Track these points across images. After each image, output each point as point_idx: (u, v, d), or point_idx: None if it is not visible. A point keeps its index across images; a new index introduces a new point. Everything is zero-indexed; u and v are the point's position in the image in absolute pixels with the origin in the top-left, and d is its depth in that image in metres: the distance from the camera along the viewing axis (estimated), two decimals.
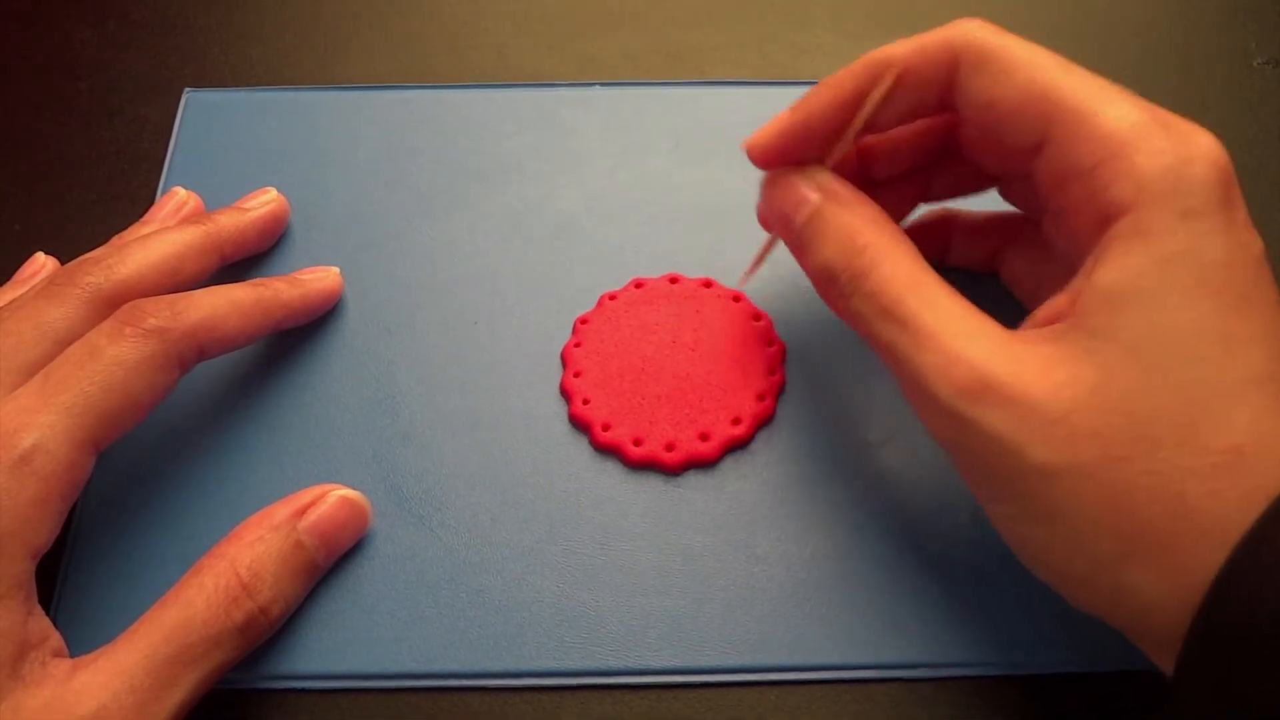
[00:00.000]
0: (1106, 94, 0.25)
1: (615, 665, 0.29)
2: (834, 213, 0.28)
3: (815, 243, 0.28)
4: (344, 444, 0.32)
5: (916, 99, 0.28)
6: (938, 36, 0.27)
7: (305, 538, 0.28)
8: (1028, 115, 0.26)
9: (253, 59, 0.41)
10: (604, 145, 0.38)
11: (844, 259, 0.27)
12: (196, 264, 0.31)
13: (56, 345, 0.28)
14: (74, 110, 0.40)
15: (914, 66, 0.27)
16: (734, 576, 0.30)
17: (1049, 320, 0.25)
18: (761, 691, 0.28)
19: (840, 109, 0.28)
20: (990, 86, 0.26)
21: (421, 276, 0.35)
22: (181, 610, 0.26)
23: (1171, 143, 0.24)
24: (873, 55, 0.28)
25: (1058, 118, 0.25)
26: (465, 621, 0.29)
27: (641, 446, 0.31)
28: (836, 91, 0.28)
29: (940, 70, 0.27)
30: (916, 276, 0.26)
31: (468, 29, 0.42)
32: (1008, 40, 0.26)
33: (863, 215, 0.28)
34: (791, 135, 0.29)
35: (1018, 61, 0.26)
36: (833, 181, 0.28)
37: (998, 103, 0.26)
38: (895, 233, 0.27)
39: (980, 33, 0.27)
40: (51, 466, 0.25)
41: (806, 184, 0.28)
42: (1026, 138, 0.26)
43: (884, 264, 0.26)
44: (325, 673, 0.29)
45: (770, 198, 0.30)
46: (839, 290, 0.27)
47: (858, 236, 0.27)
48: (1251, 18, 0.42)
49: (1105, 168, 0.24)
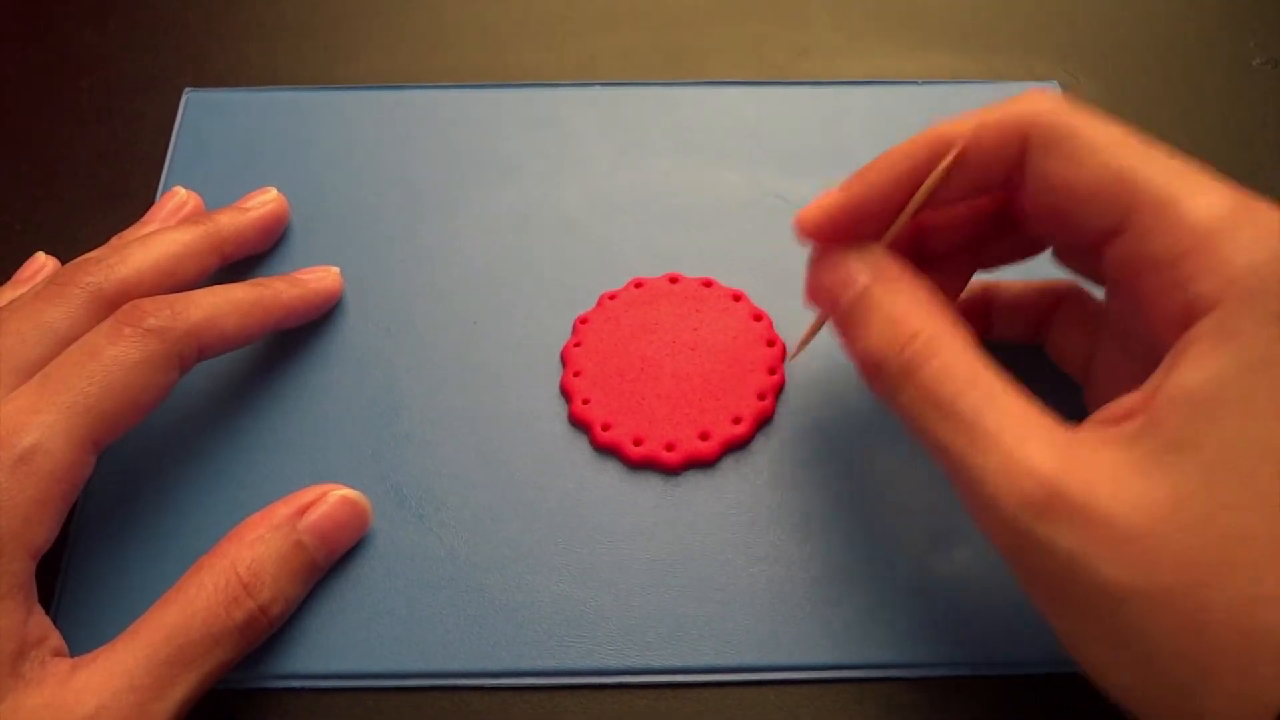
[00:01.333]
0: (1190, 180, 0.23)
1: (615, 665, 0.29)
2: (884, 295, 0.26)
3: (862, 327, 0.26)
4: (344, 443, 0.32)
5: (980, 178, 0.26)
6: (1006, 113, 0.25)
7: (305, 537, 0.28)
8: (1105, 200, 0.24)
9: (253, 59, 0.41)
10: (604, 145, 0.38)
11: (894, 347, 0.25)
12: (196, 264, 0.31)
13: (57, 345, 0.28)
14: (74, 110, 0.40)
15: (978, 145, 0.26)
16: (734, 576, 0.30)
17: (1120, 418, 0.23)
18: (761, 691, 0.28)
19: (898, 186, 0.26)
20: (1064, 169, 0.24)
21: (421, 276, 0.35)
22: (182, 610, 0.26)
23: (1261, 236, 0.22)
24: (935, 131, 0.26)
25: (1138, 205, 0.23)
26: (465, 621, 0.29)
27: (641, 446, 0.31)
28: (894, 169, 0.26)
29: (1007, 149, 0.25)
30: (975, 369, 0.24)
31: (467, 29, 0.42)
32: (1082, 118, 0.25)
33: (916, 299, 0.26)
34: (846, 213, 0.27)
35: (1095, 143, 0.24)
36: (885, 259, 0.27)
37: (1073, 186, 0.24)
38: (952, 318, 0.25)
39: (1052, 110, 0.25)
40: (51, 466, 0.25)
41: (857, 262, 0.27)
42: (1102, 223, 0.24)
43: (939, 354, 0.25)
44: (325, 672, 0.29)
45: (817, 274, 0.28)
46: (886, 381, 0.25)
47: (909, 322, 0.25)
48: (1251, 18, 0.42)
49: (1189, 260, 0.22)
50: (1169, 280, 0.23)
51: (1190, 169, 0.24)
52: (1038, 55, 0.41)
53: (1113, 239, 0.24)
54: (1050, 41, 0.42)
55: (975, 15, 0.43)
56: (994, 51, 0.41)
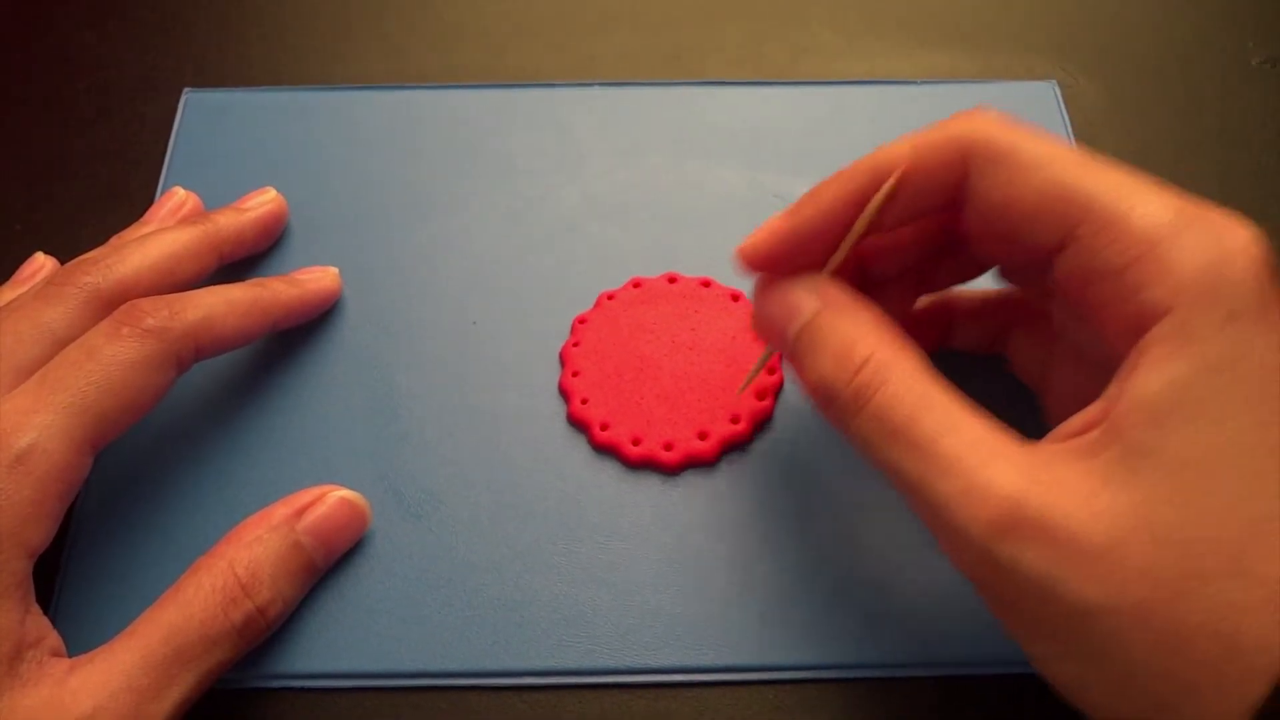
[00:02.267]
0: (1133, 188, 0.23)
1: (613, 664, 0.29)
2: (831, 323, 0.26)
3: (811, 356, 0.26)
4: (342, 444, 0.32)
5: (922, 200, 0.26)
6: (944, 134, 0.25)
7: (304, 538, 0.28)
8: (1049, 216, 0.24)
9: (252, 59, 0.41)
10: (603, 145, 0.38)
11: (844, 376, 0.25)
12: (195, 264, 0.31)
13: (55, 345, 0.28)
14: (73, 110, 0.40)
15: (919, 168, 0.25)
16: (732, 576, 0.30)
17: (1081, 431, 0.23)
18: (759, 690, 0.28)
19: (839, 214, 0.26)
20: (1006, 187, 0.24)
21: (420, 276, 0.35)
22: (179, 610, 0.26)
23: (1209, 238, 0.22)
24: (874, 156, 0.26)
25: (1082, 218, 0.23)
26: (463, 620, 0.29)
27: (640, 446, 0.31)
28: (835, 196, 0.26)
29: (948, 171, 0.25)
30: (929, 392, 0.24)
31: (466, 29, 0.42)
32: (1021, 136, 0.25)
33: (864, 325, 0.25)
34: (789, 242, 0.26)
35: (1036, 160, 0.24)
36: (830, 287, 0.26)
37: (1016, 204, 0.24)
38: (902, 342, 0.25)
39: (991, 129, 0.25)
40: (49, 466, 0.25)
41: (802, 291, 0.26)
42: (1048, 238, 0.24)
43: (891, 380, 0.24)
44: (323, 672, 0.29)
45: (762, 305, 0.27)
46: (839, 410, 0.25)
47: (858, 349, 0.25)
48: (1250, 17, 0.42)
49: (1138, 267, 0.22)
50: (1119, 290, 0.23)
51: (1132, 179, 0.24)
52: (1036, 54, 0.41)
53: (1059, 253, 0.24)
54: (1049, 41, 0.42)
55: (974, 15, 0.42)
56: (993, 51, 0.41)
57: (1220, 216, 0.23)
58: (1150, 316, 0.22)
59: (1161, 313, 0.22)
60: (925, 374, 0.24)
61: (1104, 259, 0.23)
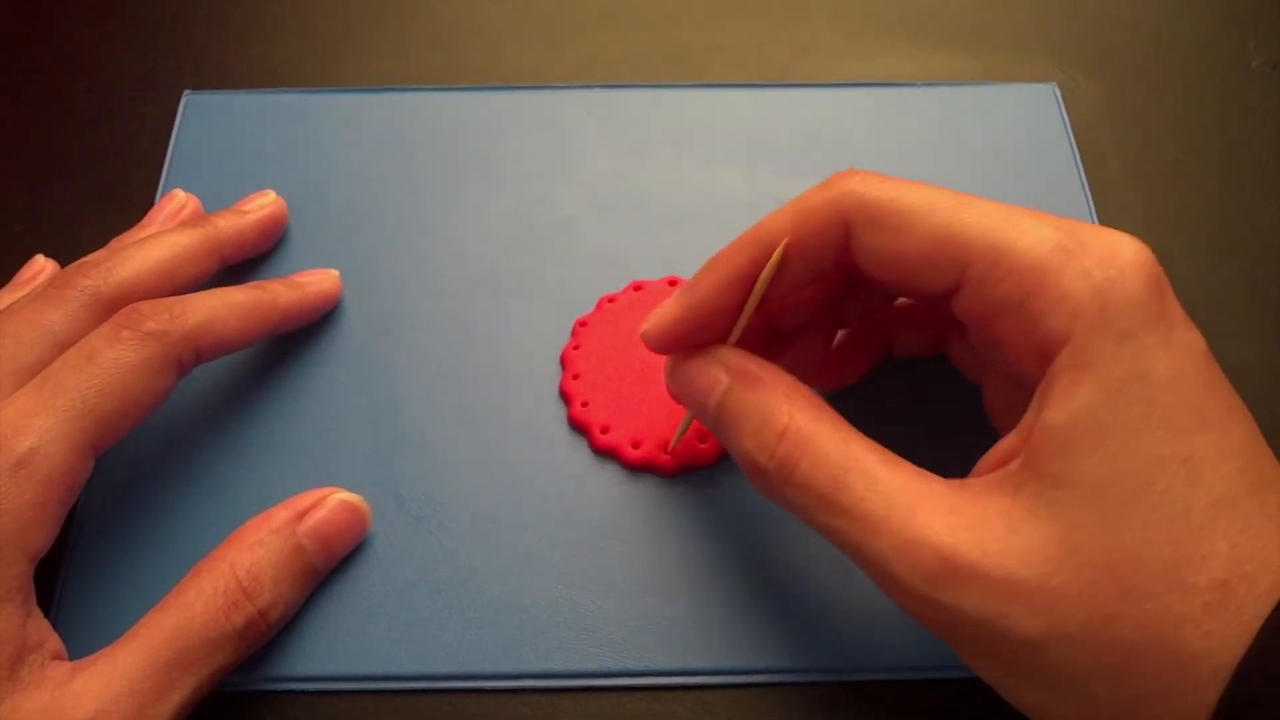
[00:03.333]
0: (1014, 221, 0.24)
1: (613, 667, 0.29)
2: (742, 397, 0.26)
3: (732, 430, 0.26)
4: (343, 447, 0.32)
5: (810, 267, 0.26)
6: (820, 199, 0.26)
7: (305, 541, 0.28)
8: (938, 264, 0.24)
9: (252, 61, 0.41)
10: (603, 147, 0.38)
11: (765, 450, 0.25)
12: (195, 267, 0.31)
13: (55, 348, 0.28)
14: (73, 112, 0.40)
15: (801, 238, 0.26)
16: (732, 579, 0.30)
17: (1002, 462, 0.24)
18: (759, 693, 0.28)
19: (731, 289, 0.26)
20: (890, 243, 0.25)
21: (420, 279, 0.35)
22: (181, 613, 0.26)
23: (1095, 260, 0.23)
24: (757, 229, 0.26)
25: (970, 259, 0.24)
26: (464, 623, 0.29)
27: (640, 449, 0.31)
28: (724, 274, 0.26)
29: (830, 235, 0.26)
30: (848, 453, 0.24)
31: (466, 31, 0.42)
32: (895, 189, 0.25)
33: (776, 394, 0.26)
34: (686, 321, 0.27)
35: (914, 211, 0.24)
36: (739, 359, 0.27)
37: (903, 257, 0.25)
38: (813, 405, 0.26)
39: (865, 188, 0.25)
40: (50, 469, 0.25)
41: (712, 366, 0.27)
42: (941, 283, 0.25)
43: (811, 446, 0.25)
44: (324, 675, 0.29)
45: (679, 382, 0.28)
46: (767, 484, 0.26)
47: (775, 420, 0.25)
48: (1250, 19, 0.42)
49: (1033, 300, 0.23)
50: (1019, 323, 0.23)
51: (1012, 210, 0.24)
52: (1037, 56, 0.41)
53: (955, 294, 0.25)
54: (1049, 43, 0.42)
55: (974, 16, 0.42)
56: (993, 52, 0.41)
57: (1104, 236, 0.23)
58: (1052, 345, 0.23)
59: (1063, 341, 0.22)
60: (842, 434, 0.25)
61: (999, 296, 0.24)
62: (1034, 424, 0.23)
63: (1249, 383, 0.33)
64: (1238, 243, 0.37)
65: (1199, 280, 0.36)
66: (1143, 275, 0.23)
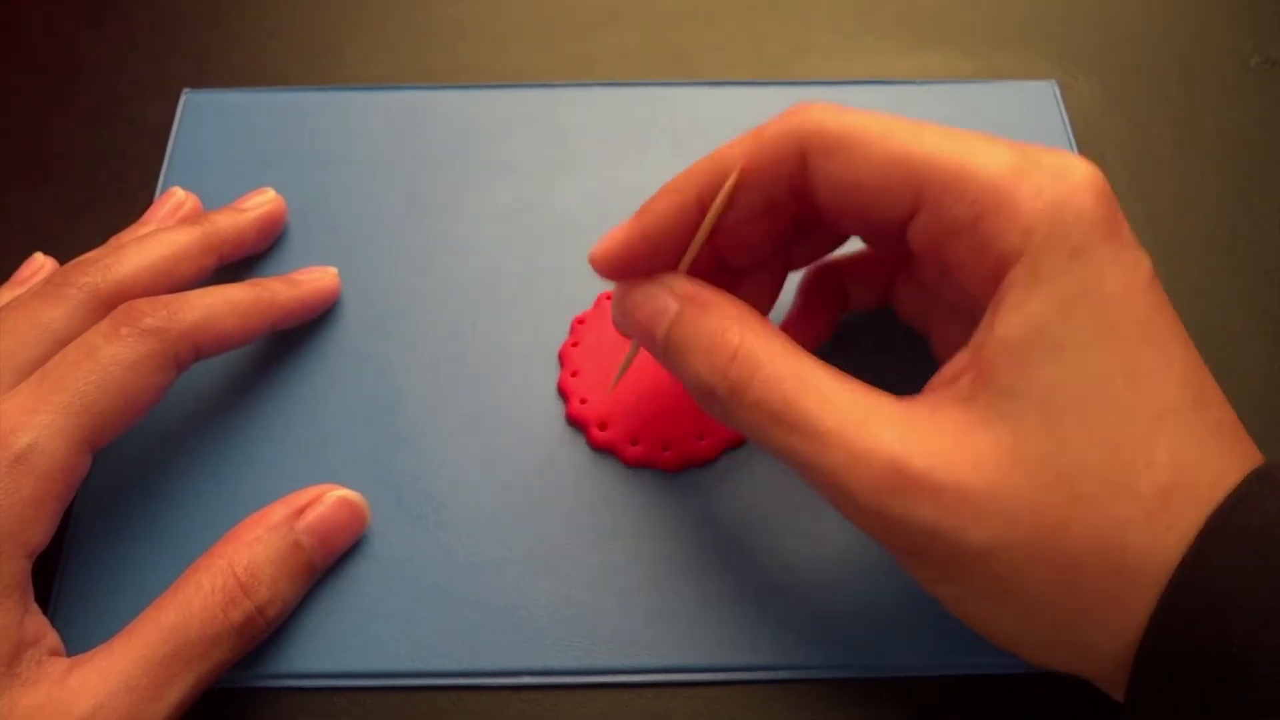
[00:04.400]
0: (970, 143, 0.24)
1: (613, 664, 0.29)
2: (695, 319, 0.26)
3: (683, 356, 0.26)
4: (341, 444, 0.32)
5: (765, 196, 0.26)
6: (778, 129, 0.26)
7: (303, 538, 0.28)
8: (894, 188, 0.25)
9: (251, 59, 0.41)
10: (601, 145, 0.38)
11: (717, 372, 0.25)
12: (194, 264, 0.31)
13: (54, 345, 0.28)
14: (73, 110, 0.40)
15: (756, 166, 0.26)
16: (731, 576, 0.30)
17: (953, 379, 0.24)
18: (760, 690, 0.28)
19: (684, 214, 0.26)
20: (847, 170, 0.25)
21: (419, 277, 0.35)
22: (179, 610, 0.26)
23: (1048, 179, 0.23)
24: (713, 156, 0.26)
25: (926, 182, 0.24)
26: (463, 621, 0.29)
27: (638, 446, 0.31)
28: (678, 198, 0.26)
29: (786, 164, 0.26)
30: (800, 371, 0.25)
31: (465, 29, 0.42)
32: (851, 117, 0.25)
33: (727, 315, 0.26)
34: (637, 245, 0.27)
35: (869, 136, 0.25)
36: (689, 284, 0.27)
37: (860, 184, 0.25)
38: (764, 327, 0.26)
39: (822, 117, 0.25)
40: (48, 466, 0.25)
41: (662, 293, 0.27)
42: (898, 209, 0.25)
43: (762, 367, 0.25)
44: (323, 672, 0.29)
45: (627, 310, 0.27)
46: (720, 405, 0.26)
47: (726, 342, 0.25)
48: (1249, 18, 0.42)
49: (987, 218, 0.23)
50: (973, 243, 0.24)
51: (966, 134, 0.25)
52: (1036, 54, 0.41)
53: (912, 220, 0.25)
54: (1048, 41, 0.42)
55: (974, 14, 0.42)
56: (992, 51, 0.41)
57: (1058, 156, 0.24)
58: (1005, 263, 0.23)
59: (1016, 258, 0.23)
60: (794, 354, 0.25)
61: (953, 217, 0.24)
62: (985, 339, 0.23)
63: (1249, 382, 0.34)
64: (1237, 241, 0.37)
65: (1199, 279, 0.36)
66: (1094, 193, 0.23)
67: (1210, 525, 0.22)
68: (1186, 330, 0.24)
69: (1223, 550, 0.21)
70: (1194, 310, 0.35)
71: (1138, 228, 0.36)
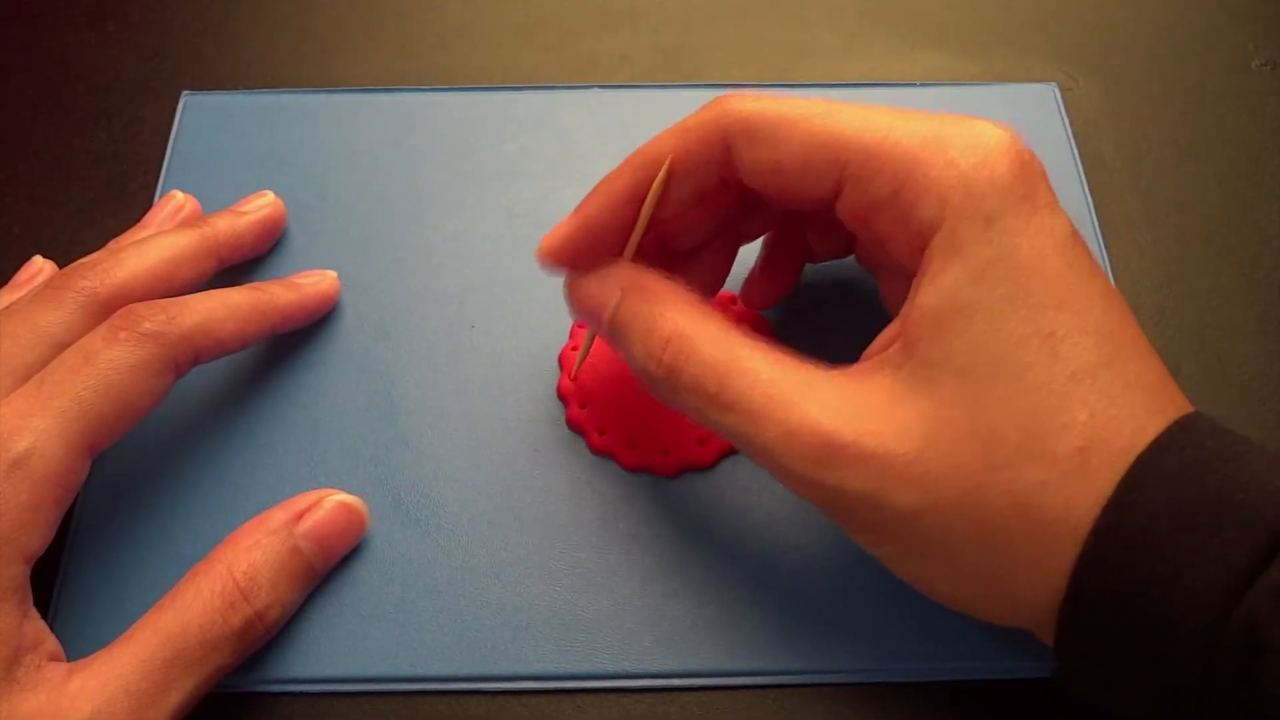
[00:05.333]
0: (884, 119, 0.25)
1: (612, 669, 0.29)
2: (632, 309, 0.27)
3: (625, 342, 0.27)
4: (341, 448, 0.32)
5: (696, 185, 0.27)
6: (700, 119, 0.27)
7: (302, 543, 0.28)
8: (815, 166, 0.25)
9: (250, 62, 0.41)
10: (602, 148, 0.38)
11: (653, 358, 0.26)
12: (193, 268, 0.31)
13: (52, 349, 0.28)
14: (72, 113, 0.40)
15: (684, 156, 0.27)
16: (730, 581, 0.30)
17: (884, 347, 0.25)
18: (758, 695, 0.28)
19: (619, 207, 0.28)
20: (769, 154, 0.26)
21: (419, 280, 0.35)
22: (178, 615, 0.26)
23: (962, 148, 0.24)
24: (643, 150, 0.27)
25: (846, 158, 0.25)
26: (462, 625, 0.29)
27: (637, 451, 0.31)
28: (612, 193, 0.28)
29: (712, 151, 0.27)
30: (731, 352, 0.26)
31: (465, 31, 0.42)
32: (770, 103, 0.26)
33: (664, 303, 0.27)
34: (577, 239, 0.28)
35: (787, 120, 0.26)
36: (629, 271, 0.28)
37: (781, 165, 0.26)
38: (697, 311, 0.27)
39: (742, 105, 0.26)
40: (46, 470, 0.25)
41: (604, 281, 0.28)
42: (821, 187, 0.26)
43: (695, 351, 0.26)
44: (322, 676, 0.29)
45: (575, 300, 0.29)
46: (659, 389, 0.27)
47: (661, 328, 0.26)
48: (1250, 19, 0.42)
49: (905, 191, 0.24)
50: (896, 215, 0.25)
51: (883, 111, 0.25)
52: (1036, 56, 0.41)
53: (837, 198, 0.26)
54: (1049, 43, 0.42)
55: (974, 17, 0.42)
56: (992, 53, 0.41)
57: (970, 125, 0.24)
58: (927, 234, 0.24)
59: (934, 229, 0.24)
60: (725, 335, 0.26)
61: (874, 191, 0.25)
62: (909, 310, 0.24)
63: (1249, 382, 0.34)
64: (1238, 243, 0.37)
65: (1199, 280, 0.36)
66: (1007, 159, 0.24)
67: (1130, 474, 0.22)
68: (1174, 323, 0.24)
69: (1141, 496, 0.22)
70: (1194, 311, 0.35)
71: (1138, 228, 0.37)
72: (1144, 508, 0.22)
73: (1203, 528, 0.21)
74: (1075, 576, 0.22)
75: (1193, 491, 0.22)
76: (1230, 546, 0.21)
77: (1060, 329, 0.23)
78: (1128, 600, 0.22)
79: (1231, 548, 0.21)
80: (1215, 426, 0.23)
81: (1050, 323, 0.23)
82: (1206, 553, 0.21)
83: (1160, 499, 0.22)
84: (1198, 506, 0.22)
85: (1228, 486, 0.22)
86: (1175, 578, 0.21)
